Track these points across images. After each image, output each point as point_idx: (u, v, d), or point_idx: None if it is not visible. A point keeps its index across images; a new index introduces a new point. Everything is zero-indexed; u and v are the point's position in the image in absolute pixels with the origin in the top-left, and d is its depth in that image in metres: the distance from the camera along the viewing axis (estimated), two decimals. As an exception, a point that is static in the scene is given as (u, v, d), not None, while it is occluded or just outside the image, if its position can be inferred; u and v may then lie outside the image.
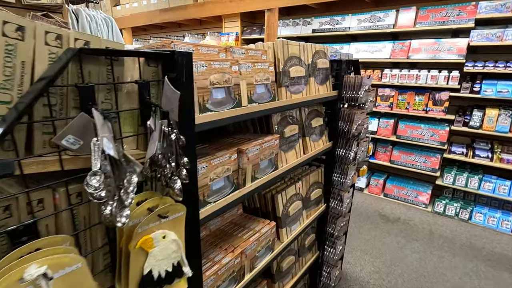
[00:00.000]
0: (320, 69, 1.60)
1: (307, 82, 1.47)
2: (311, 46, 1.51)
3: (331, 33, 4.20)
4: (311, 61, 1.50)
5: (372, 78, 1.83)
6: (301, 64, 1.41)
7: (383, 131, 4.06)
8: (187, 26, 6.60)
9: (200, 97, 0.86)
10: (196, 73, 0.84)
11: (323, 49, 1.65)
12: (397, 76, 3.77)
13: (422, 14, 3.54)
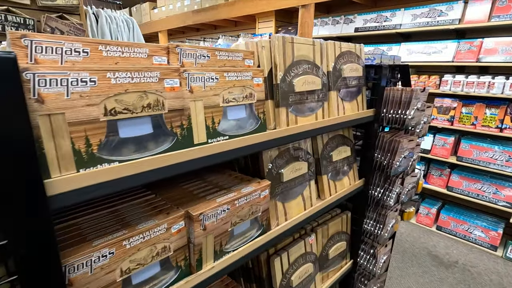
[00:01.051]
0: (348, 79, 1.12)
1: (325, 98, 1.02)
2: (333, 45, 1.04)
3: (378, 31, 3.57)
4: (332, 67, 1.04)
5: (428, 90, 1.29)
6: (315, 72, 0.96)
7: (439, 150, 3.31)
8: (222, 28, 6.40)
9: (79, 140, 0.48)
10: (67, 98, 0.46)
11: (354, 49, 1.16)
12: (462, 83, 3.01)
13: (500, 4, 2.75)
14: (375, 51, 3.68)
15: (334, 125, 1.02)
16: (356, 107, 1.16)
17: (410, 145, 1.28)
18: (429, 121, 1.46)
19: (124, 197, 0.71)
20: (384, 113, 1.23)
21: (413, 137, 1.30)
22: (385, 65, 1.18)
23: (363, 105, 1.20)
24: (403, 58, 3.39)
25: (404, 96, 1.18)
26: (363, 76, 1.20)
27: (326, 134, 1.11)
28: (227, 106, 0.69)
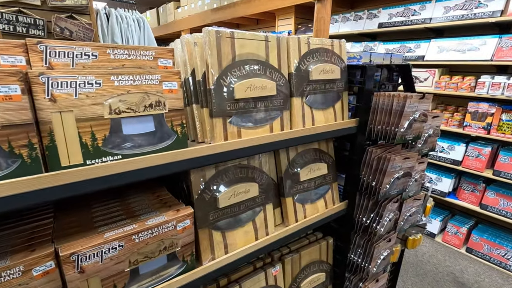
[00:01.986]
0: (319, 82, 0.92)
1: (284, 106, 0.83)
2: (297, 41, 0.85)
3: (404, 27, 3.21)
4: (296, 68, 0.85)
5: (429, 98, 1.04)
6: (268, 74, 0.78)
7: (472, 162, 2.89)
8: (244, 26, 6.30)
9: None
10: None
11: (330, 45, 0.95)
12: (502, 85, 2.58)
13: (555, -8, 2.30)
14: (401, 49, 3.32)
15: (298, 139, 0.83)
16: (332, 116, 0.95)
17: (407, 164, 1.04)
18: (437, 133, 1.19)
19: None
20: (372, 124, 1.00)
21: (412, 154, 1.05)
22: (371, 65, 0.95)
23: (343, 114, 0.99)
24: (433, 56, 3.01)
25: (396, 104, 0.95)
26: (343, 79, 0.98)
27: (294, 149, 0.93)
28: (119, 118, 0.55)
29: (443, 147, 3.08)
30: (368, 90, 0.96)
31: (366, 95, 0.97)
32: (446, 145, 3.05)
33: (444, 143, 3.07)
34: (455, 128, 2.98)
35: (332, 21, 4.02)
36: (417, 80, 3.22)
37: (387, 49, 3.44)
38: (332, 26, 4.00)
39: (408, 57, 3.22)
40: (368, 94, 0.97)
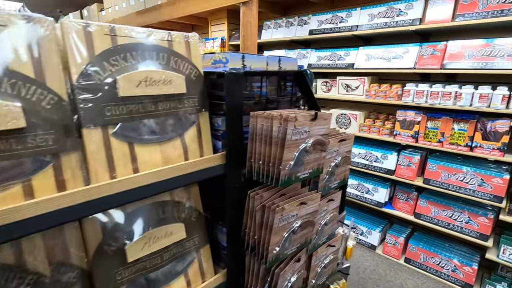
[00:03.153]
0: (147, 100, 0.59)
1: (61, 146, 0.48)
2: (82, 28, 0.51)
3: (333, 34, 3.11)
4: (80, 77, 0.50)
5: (327, 117, 0.78)
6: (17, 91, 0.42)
7: (404, 171, 2.84)
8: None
9: None
10: None
11: (167, 41, 0.62)
12: (426, 93, 2.57)
13: (465, 1, 2.33)
14: (332, 56, 3.22)
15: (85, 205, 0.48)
16: (179, 152, 0.62)
17: (306, 210, 0.76)
18: (347, 159, 0.94)
19: None
20: (253, 159, 0.70)
21: (312, 196, 0.77)
22: (237, 71, 0.65)
23: (201, 147, 0.67)
24: (362, 64, 2.93)
25: (276, 129, 0.66)
26: (197, 94, 0.66)
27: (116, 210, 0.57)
28: None
29: (377, 156, 3.01)
30: (233, 108, 0.66)
31: (232, 116, 0.66)
32: (380, 154, 2.99)
33: (378, 152, 3.00)
34: (387, 137, 2.92)
35: (265, 27, 3.83)
36: (349, 88, 3.13)
37: (319, 56, 3.33)
38: (265, 33, 3.80)
39: (339, 65, 3.12)
40: (235, 114, 0.67)
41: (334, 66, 3.15)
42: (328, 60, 3.23)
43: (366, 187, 3.14)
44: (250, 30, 2.90)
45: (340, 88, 3.20)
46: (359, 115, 3.08)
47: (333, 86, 3.29)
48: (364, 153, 3.09)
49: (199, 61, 0.65)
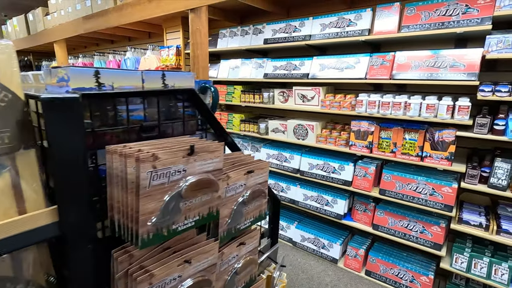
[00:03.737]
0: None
1: None
2: None
3: (287, 43, 3.04)
4: None
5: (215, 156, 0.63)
6: None
7: (361, 182, 2.80)
8: (136, 40, 5.58)
9: None
10: None
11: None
12: (378, 104, 2.55)
13: (409, 13, 2.36)
14: (287, 66, 3.14)
15: None
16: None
17: (193, 270, 0.59)
18: (262, 195, 0.79)
19: None
20: (113, 211, 0.52)
21: (208, 247, 0.61)
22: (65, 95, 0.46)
23: (19, 201, 0.47)
24: (316, 74, 2.88)
25: (132, 171, 0.48)
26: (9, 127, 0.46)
27: None
28: None
29: (334, 167, 2.95)
30: (63, 145, 0.47)
31: (61, 156, 0.47)
32: (337, 165, 2.93)
33: (335, 163, 2.94)
34: (343, 147, 2.87)
35: (221, 36, 3.69)
36: (305, 98, 3.07)
37: (275, 66, 3.24)
38: (221, 41, 3.67)
39: (294, 74, 3.05)
40: (69, 152, 0.48)
41: (289, 76, 3.08)
42: (284, 70, 3.15)
43: (325, 199, 3.07)
44: (200, 39, 2.74)
45: (296, 99, 3.13)
46: (316, 125, 3.02)
47: (290, 96, 3.21)
48: (322, 164, 3.03)
49: (15, 80, 0.47)
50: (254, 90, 3.45)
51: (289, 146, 3.40)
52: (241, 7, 3.49)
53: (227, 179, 0.62)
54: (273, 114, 3.76)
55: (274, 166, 3.39)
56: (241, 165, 0.71)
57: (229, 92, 3.73)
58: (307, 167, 3.13)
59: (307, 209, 3.18)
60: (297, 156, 3.22)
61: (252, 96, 3.44)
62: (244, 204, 0.68)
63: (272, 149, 3.43)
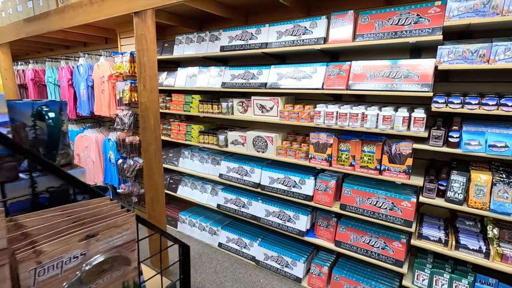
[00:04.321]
0: None
1: None
2: None
3: (243, 51, 2.88)
4: None
5: None
6: None
7: (321, 197, 2.66)
8: (93, 45, 5.22)
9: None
10: None
11: None
12: (335, 115, 2.44)
13: (363, 22, 2.28)
14: (245, 75, 2.98)
15: None
16: None
17: None
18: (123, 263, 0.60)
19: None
20: None
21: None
22: None
23: None
24: (274, 83, 2.73)
25: None
26: None
27: None
28: None
29: (295, 181, 2.80)
30: None
31: None
32: (298, 179, 2.78)
33: (296, 176, 2.80)
34: (303, 160, 2.73)
35: (176, 42, 3.47)
36: (264, 109, 2.91)
37: (233, 75, 3.07)
38: (177, 48, 3.45)
39: (252, 84, 2.89)
40: None
41: (247, 85, 2.91)
42: (242, 79, 2.98)
43: (287, 214, 2.90)
44: (147, 45, 2.52)
45: (255, 109, 2.97)
46: (276, 137, 2.86)
47: (249, 107, 3.05)
48: (283, 178, 2.87)
49: None
50: (212, 100, 3.25)
51: (251, 159, 3.22)
52: (198, 13, 3.30)
53: (37, 255, 0.42)
54: (237, 125, 3.57)
55: (235, 181, 3.19)
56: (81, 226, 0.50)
57: (187, 101, 3.50)
58: (268, 181, 2.96)
59: (269, 225, 3.00)
60: (257, 169, 3.04)
61: (211, 106, 3.24)
62: (82, 284, 0.48)
63: (233, 162, 3.24)
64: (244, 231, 3.32)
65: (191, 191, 3.73)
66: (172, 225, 3.94)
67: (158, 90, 2.62)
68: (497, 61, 1.83)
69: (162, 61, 3.93)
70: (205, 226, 3.57)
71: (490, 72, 2.12)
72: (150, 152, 2.64)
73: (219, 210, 3.37)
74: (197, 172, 3.58)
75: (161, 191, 2.78)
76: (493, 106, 1.85)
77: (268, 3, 2.80)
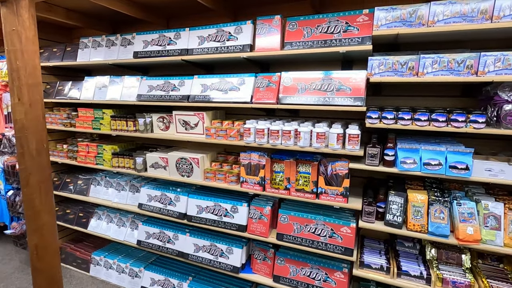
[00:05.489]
0: None
1: None
2: None
3: (161, 58, 2.44)
4: None
5: None
6: None
7: (256, 226, 2.31)
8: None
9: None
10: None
11: None
12: (266, 132, 2.13)
13: (291, 28, 2.04)
14: (165, 86, 2.53)
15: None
16: None
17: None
18: None
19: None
20: None
21: None
22: None
23: None
24: (198, 96, 2.33)
25: None
26: None
27: None
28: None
29: (226, 209, 2.40)
30: None
31: None
32: (229, 206, 2.39)
33: (227, 204, 2.40)
34: (234, 184, 2.36)
35: (81, 46, 2.87)
36: (187, 125, 2.48)
37: (151, 86, 2.59)
38: (82, 53, 2.84)
39: (173, 96, 2.45)
40: None
41: (167, 98, 2.46)
42: (161, 91, 2.52)
43: (219, 248, 2.47)
44: (21, 45, 1.91)
45: (178, 126, 2.52)
46: (202, 158, 2.45)
47: (171, 123, 2.59)
48: (212, 206, 2.45)
49: None
50: (127, 115, 2.71)
51: (177, 184, 2.74)
52: (111, 14, 2.77)
53: None
54: (163, 144, 3.06)
55: (158, 211, 2.66)
56: None
57: (97, 117, 2.89)
58: (195, 211, 2.51)
59: (200, 262, 2.52)
60: (183, 197, 2.57)
61: (125, 123, 2.69)
62: None
63: (155, 189, 2.71)
64: (172, 269, 2.79)
65: (106, 225, 3.06)
66: (84, 269, 3.18)
67: (62, 103, 2.01)
68: (425, 74, 1.71)
69: (66, 68, 3.25)
70: (125, 267, 2.93)
71: (421, 86, 2.05)
72: (32, 185, 1.99)
73: (140, 247, 2.79)
74: (112, 202, 2.94)
75: (52, 235, 2.12)
76: (425, 121, 1.73)
77: (190, 6, 2.43)
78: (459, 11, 1.61)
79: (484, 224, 1.72)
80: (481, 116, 1.62)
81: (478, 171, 1.68)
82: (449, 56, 1.65)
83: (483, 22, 1.57)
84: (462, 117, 1.65)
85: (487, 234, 1.71)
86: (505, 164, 1.63)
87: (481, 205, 1.75)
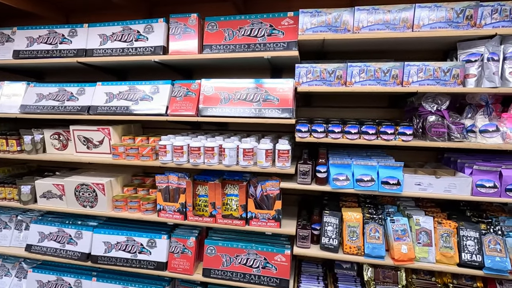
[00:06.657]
0: None
1: None
2: None
3: (51, 60, 1.94)
4: None
5: None
6: None
7: (179, 262, 1.92)
8: None
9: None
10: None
11: None
12: (186, 149, 1.79)
13: (210, 29, 1.77)
14: (59, 95, 2.01)
15: None
16: None
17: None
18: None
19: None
20: None
21: None
22: None
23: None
24: (101, 107, 1.89)
25: None
26: None
27: None
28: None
29: (142, 244, 1.96)
30: None
31: None
32: (145, 240, 1.96)
33: (142, 237, 1.97)
34: (151, 213, 1.95)
35: None
36: (90, 143, 1.99)
37: (40, 94, 2.04)
38: None
39: (69, 107, 1.95)
40: None
41: (62, 110, 1.95)
42: (54, 101, 2.00)
43: (135, 293, 2.00)
44: None
45: (78, 144, 2.02)
46: (109, 184, 1.98)
47: (69, 140, 2.07)
48: (124, 241, 1.98)
49: None
50: (7, 132, 2.10)
51: (78, 218, 2.19)
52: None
53: None
54: (63, 166, 2.47)
55: (53, 253, 2.08)
56: None
57: (-34, 135, 2.19)
58: (103, 249, 2.01)
59: (110, 314, 2.01)
60: (87, 232, 2.05)
61: (5, 142, 2.07)
62: None
63: (48, 225, 2.13)
64: (76, 326, 2.19)
65: (-18, 277, 2.32)
66: None
67: None
68: (353, 83, 1.59)
69: None
70: (10, 331, 2.22)
71: (350, 96, 1.95)
72: None
73: (29, 303, 2.14)
74: (-11, 245, 2.24)
75: None
76: (355, 134, 1.60)
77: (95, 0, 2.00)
78: (382, 19, 1.53)
79: (417, 240, 1.64)
80: (409, 128, 1.55)
81: (408, 185, 1.59)
82: (375, 65, 1.56)
83: (405, 30, 1.50)
84: (391, 129, 1.56)
85: (420, 252, 1.62)
86: (432, 177, 1.57)
87: (412, 220, 1.67)
